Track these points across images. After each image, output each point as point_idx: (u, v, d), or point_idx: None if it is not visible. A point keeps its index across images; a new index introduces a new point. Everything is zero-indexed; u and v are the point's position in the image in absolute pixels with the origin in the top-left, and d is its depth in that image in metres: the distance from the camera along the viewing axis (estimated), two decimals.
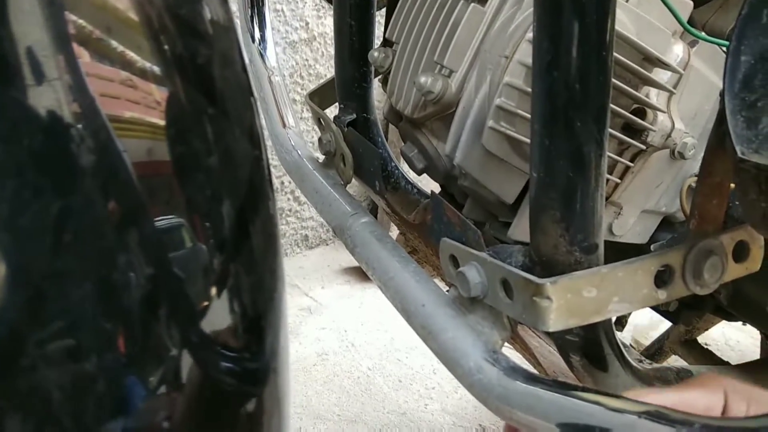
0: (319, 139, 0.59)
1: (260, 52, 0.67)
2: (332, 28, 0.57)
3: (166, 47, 0.25)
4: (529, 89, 0.37)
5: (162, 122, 0.24)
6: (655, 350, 0.84)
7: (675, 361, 0.82)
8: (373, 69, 0.58)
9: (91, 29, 0.22)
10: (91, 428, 0.19)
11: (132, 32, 0.24)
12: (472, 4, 0.42)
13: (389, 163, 0.64)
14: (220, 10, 0.30)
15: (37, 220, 0.19)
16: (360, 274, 1.69)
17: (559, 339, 0.41)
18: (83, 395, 0.19)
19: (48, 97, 0.20)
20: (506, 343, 0.43)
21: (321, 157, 0.62)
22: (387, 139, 0.68)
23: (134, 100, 0.23)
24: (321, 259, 1.83)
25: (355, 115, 0.59)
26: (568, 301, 0.33)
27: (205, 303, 0.26)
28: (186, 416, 0.25)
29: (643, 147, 0.45)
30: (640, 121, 0.43)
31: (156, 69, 0.24)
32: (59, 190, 0.19)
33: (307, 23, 1.57)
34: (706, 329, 0.81)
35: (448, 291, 0.44)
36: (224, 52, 0.30)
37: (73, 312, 0.18)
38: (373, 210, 1.61)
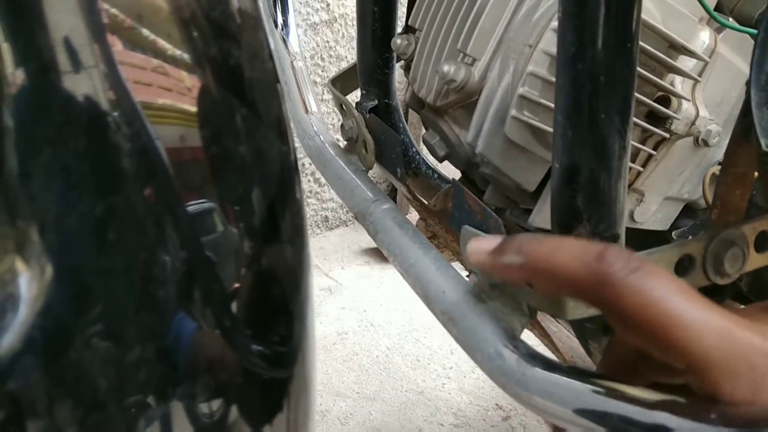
0: (342, 125, 0.60)
1: (283, 38, 0.68)
2: (353, 9, 0.57)
3: (195, 35, 0.25)
4: (553, 79, 0.37)
5: (193, 109, 0.25)
6: None
7: None
8: (395, 55, 0.58)
9: (123, 18, 0.22)
10: (134, 410, 0.20)
11: (163, 21, 0.24)
12: None
13: (410, 148, 0.64)
14: (248, 1, 0.30)
15: (79, 215, 0.20)
16: (379, 255, 1.70)
17: (577, 326, 0.41)
18: (126, 382, 0.20)
19: (84, 85, 0.20)
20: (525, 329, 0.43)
21: (343, 143, 0.63)
22: (408, 123, 0.68)
23: (166, 87, 0.24)
24: (341, 240, 1.84)
25: (377, 101, 0.59)
26: None
27: (236, 286, 0.27)
28: (217, 398, 0.26)
29: (667, 135, 0.44)
30: (663, 109, 0.43)
31: (186, 57, 0.25)
32: (101, 186, 0.20)
33: (328, 5, 1.56)
34: None
35: (468, 277, 0.45)
36: (252, 41, 0.30)
37: (115, 305, 0.19)
38: (392, 194, 1.62)
